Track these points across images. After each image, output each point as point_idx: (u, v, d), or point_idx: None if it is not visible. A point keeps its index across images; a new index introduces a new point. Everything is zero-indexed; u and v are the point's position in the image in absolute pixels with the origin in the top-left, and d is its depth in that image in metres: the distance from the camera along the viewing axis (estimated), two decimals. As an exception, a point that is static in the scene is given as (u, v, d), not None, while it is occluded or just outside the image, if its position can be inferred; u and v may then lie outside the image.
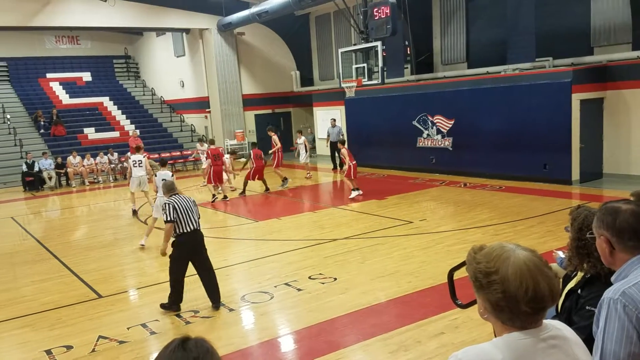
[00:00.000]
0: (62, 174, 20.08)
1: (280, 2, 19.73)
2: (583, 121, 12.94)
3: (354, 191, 13.31)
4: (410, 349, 5.18)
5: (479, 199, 12.23)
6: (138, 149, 14.12)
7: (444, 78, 17.52)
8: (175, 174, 18.95)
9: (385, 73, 16.36)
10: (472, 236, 9.05)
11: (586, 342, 1.77)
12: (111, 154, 21.12)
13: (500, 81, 14.54)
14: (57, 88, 26.85)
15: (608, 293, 1.97)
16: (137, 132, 21.84)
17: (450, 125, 15.82)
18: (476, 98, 14.95)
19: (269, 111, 25.52)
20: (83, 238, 11.66)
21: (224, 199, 14.56)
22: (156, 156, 21.76)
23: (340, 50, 18.17)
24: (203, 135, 24.88)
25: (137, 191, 13.04)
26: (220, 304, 6.65)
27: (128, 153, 20.68)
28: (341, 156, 13.86)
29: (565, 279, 2.98)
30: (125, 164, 21.22)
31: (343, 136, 19.25)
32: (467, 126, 15.27)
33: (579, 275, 2.84)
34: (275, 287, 7.22)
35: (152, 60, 28.88)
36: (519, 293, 1.52)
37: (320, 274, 7.62)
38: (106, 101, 26.51)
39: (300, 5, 19.71)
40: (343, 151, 13.55)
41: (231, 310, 6.60)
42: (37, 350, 5.78)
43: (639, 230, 2.05)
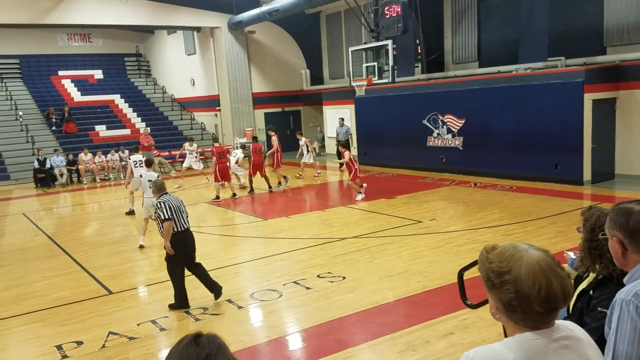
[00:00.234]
0: (74, 171, 20.25)
1: (291, 1, 19.74)
2: (595, 121, 12.83)
3: (360, 194, 13.21)
4: (418, 349, 5.17)
5: (490, 199, 12.17)
6: (137, 150, 14.18)
7: (455, 77, 17.44)
8: (185, 171, 19.07)
9: (395, 72, 16.33)
10: (482, 236, 9.01)
11: (598, 344, 1.75)
12: (122, 152, 21.24)
13: (511, 80, 14.45)
14: (69, 85, 27.05)
15: (620, 294, 1.96)
16: (148, 130, 21.92)
17: (460, 124, 15.74)
18: (487, 97, 14.87)
19: (279, 109, 25.55)
20: (94, 235, 11.74)
21: (233, 197, 14.59)
22: (166, 154, 21.95)
23: (350, 48, 18.15)
24: (213, 133, 24.95)
25: (137, 191, 12.97)
26: (221, 292, 6.76)
27: (126, 152, 20.81)
28: (342, 160, 13.41)
29: (576, 280, 2.95)
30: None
31: (351, 135, 19.21)
32: (478, 126, 15.19)
33: (591, 276, 2.81)
34: (284, 285, 7.23)
35: (163, 58, 29.01)
36: (532, 293, 1.51)
37: (328, 273, 7.62)
38: (117, 99, 26.67)
39: (310, 3, 19.70)
40: (346, 154, 13.21)
41: (240, 307, 6.62)
42: (48, 345, 5.84)
43: None
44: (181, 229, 6.62)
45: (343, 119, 19.69)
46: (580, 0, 14.35)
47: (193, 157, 17.70)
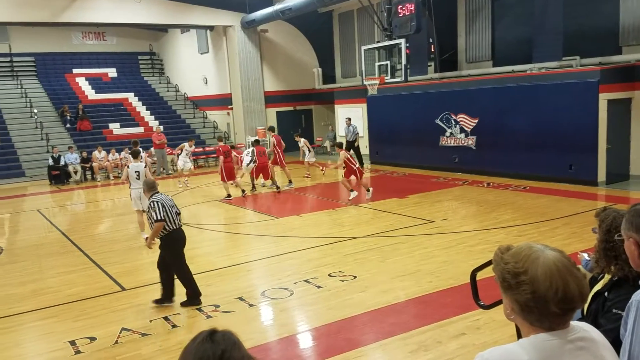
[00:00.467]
0: (88, 168, 20.44)
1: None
2: (610, 121, 12.69)
3: (352, 191, 13.03)
4: (430, 349, 5.15)
5: (503, 199, 12.09)
6: (135, 144, 14.17)
7: (469, 76, 17.34)
8: (197, 169, 19.21)
9: (408, 71, 16.25)
10: (495, 237, 8.95)
11: (613, 346, 1.74)
12: (135, 149, 21.38)
13: (525, 80, 14.33)
14: (83, 83, 27.29)
15: (636, 296, 1.93)
16: (161, 128, 22.09)
17: (474, 124, 15.65)
18: (501, 97, 14.77)
19: (291, 108, 25.57)
20: (107, 231, 11.84)
21: (243, 194, 14.61)
22: (178, 152, 22.04)
23: (363, 47, 18.10)
24: (225, 132, 25.05)
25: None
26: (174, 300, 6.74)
27: (124, 153, 20.91)
28: (345, 160, 12.88)
29: (591, 282, 2.93)
30: (149, 159, 21.51)
31: (357, 135, 19.14)
32: (492, 125, 15.09)
33: (606, 277, 2.79)
34: (295, 284, 7.24)
35: (177, 56, 29.16)
36: (549, 294, 1.50)
37: (340, 272, 7.61)
38: (131, 97, 26.86)
39: (323, 2, 19.70)
40: (341, 154, 12.85)
41: (251, 305, 6.64)
42: (62, 340, 5.90)
43: None
44: (175, 228, 6.64)
45: (350, 119, 19.67)
46: (596, -1, 14.21)
47: (187, 158, 17.71)
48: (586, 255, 3.62)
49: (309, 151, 17.73)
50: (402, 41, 15.85)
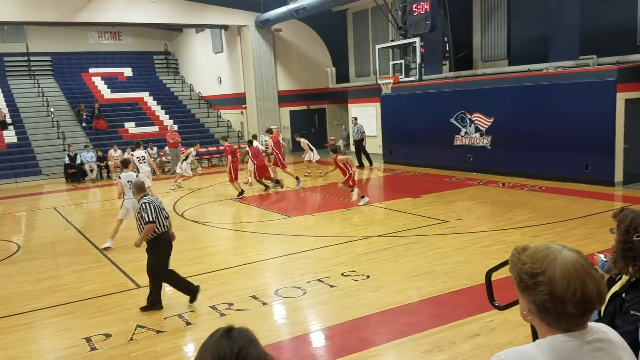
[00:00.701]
0: (103, 167, 20.64)
1: (318, -1, 19.75)
2: (627, 121, 12.52)
3: (357, 195, 12.52)
4: (444, 350, 5.12)
5: (518, 199, 11.99)
6: (138, 145, 14.22)
7: (484, 75, 17.21)
8: (210, 168, 19.29)
9: (423, 70, 16.19)
10: (510, 237, 8.87)
11: (630, 347, 1.71)
12: (150, 148, 21.54)
13: (542, 79, 14.19)
14: (99, 83, 27.56)
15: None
16: (175, 127, 22.23)
17: (489, 123, 15.54)
18: (517, 96, 14.63)
19: (304, 107, 25.60)
20: (122, 229, 11.89)
21: (240, 195, 14.55)
22: (184, 157, 22.16)
23: (377, 46, 18.07)
24: (238, 130, 25.15)
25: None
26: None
27: (155, 149, 21.11)
28: (340, 165, 12.46)
29: (609, 283, 2.89)
30: (164, 158, 21.69)
31: (364, 134, 19.05)
32: (507, 125, 14.96)
33: (624, 278, 2.75)
34: (308, 283, 7.24)
35: (191, 56, 29.33)
36: (567, 294, 1.49)
37: (353, 271, 7.60)
38: (146, 96, 27.08)
39: (338, 1, 19.69)
40: (340, 158, 12.39)
41: (264, 304, 6.65)
42: (78, 337, 5.96)
43: None
44: (163, 231, 6.57)
45: (356, 118, 19.64)
46: (613, -3, 14.03)
47: (188, 161, 17.62)
48: (602, 256, 3.58)
49: (311, 150, 17.59)
50: (417, 40, 15.80)
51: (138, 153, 13.41)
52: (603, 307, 2.77)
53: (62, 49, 27.91)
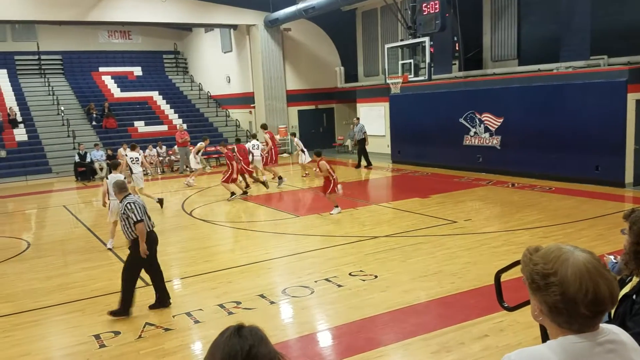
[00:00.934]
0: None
1: (327, -2, 19.74)
2: (638, 122, 12.43)
3: (336, 208, 11.65)
4: (452, 350, 5.10)
5: (527, 200, 11.92)
6: (134, 147, 14.19)
7: (494, 75, 17.13)
8: (218, 167, 19.31)
9: (432, 69, 16.14)
10: (519, 238, 8.82)
11: (642, 350, 1.69)
12: (160, 147, 21.67)
13: (552, 79, 14.10)
14: (109, 82, 27.72)
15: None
16: (184, 126, 22.31)
17: (499, 123, 15.46)
18: (527, 96, 14.55)
19: (312, 107, 25.59)
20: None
21: (244, 194, 14.54)
22: (195, 153, 22.24)
23: (386, 45, 18.04)
24: (247, 130, 25.18)
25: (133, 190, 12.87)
26: (169, 302, 6.62)
27: (164, 148, 21.19)
28: (319, 171, 11.81)
29: (619, 284, 2.86)
30: (173, 157, 21.77)
31: (365, 134, 18.99)
32: (517, 125, 14.88)
33: (634, 280, 2.72)
34: (315, 282, 7.24)
35: (200, 55, 29.42)
36: (579, 295, 1.48)
37: (360, 271, 7.59)
38: (155, 95, 27.20)
39: (347, 0, 19.67)
40: (322, 164, 11.54)
41: (272, 303, 6.66)
42: (87, 334, 5.99)
43: None
44: (149, 230, 6.51)
45: (358, 118, 19.64)
46: (625, -4, 13.91)
47: (199, 158, 17.72)
48: (612, 257, 3.55)
49: (303, 152, 17.40)
50: (426, 39, 15.76)
51: (132, 154, 13.39)
52: (613, 309, 2.75)
53: (73, 48, 28.10)
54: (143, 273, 6.69)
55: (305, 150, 17.41)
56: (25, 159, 21.09)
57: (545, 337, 1.73)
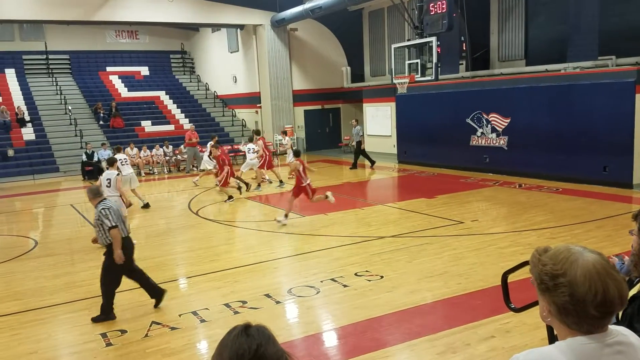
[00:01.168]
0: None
1: (334, -2, 19.73)
2: (648, 122, 12.35)
3: (286, 217, 10.92)
4: (458, 351, 5.08)
5: (535, 201, 11.86)
6: (118, 150, 14.08)
7: (501, 75, 17.07)
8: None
9: (439, 69, 16.10)
10: (526, 239, 8.78)
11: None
12: (166, 147, 21.73)
13: (559, 80, 14.03)
14: (117, 81, 27.83)
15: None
16: (193, 126, 22.36)
17: (506, 123, 15.40)
18: (534, 96, 14.49)
19: (319, 107, 25.60)
20: (138, 227, 12.04)
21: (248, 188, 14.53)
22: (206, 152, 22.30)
23: (393, 45, 18.01)
24: (253, 130, 25.21)
25: (128, 190, 12.75)
26: (164, 291, 6.62)
27: (170, 147, 21.23)
28: (293, 172, 11.14)
29: (628, 285, 2.84)
30: (179, 157, 21.83)
31: (362, 137, 18.93)
32: (524, 125, 14.82)
33: (643, 282, 2.70)
34: (321, 282, 7.23)
35: (207, 55, 29.49)
36: (588, 296, 1.47)
37: (366, 271, 7.58)
38: (162, 95, 27.29)
39: (354, 0, 19.65)
40: (293, 163, 10.83)
41: (278, 302, 6.66)
42: (94, 333, 6.01)
43: None
44: (124, 235, 6.40)
45: (357, 120, 19.60)
46: (633, -4, 13.83)
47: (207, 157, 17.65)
48: (617, 258, 3.53)
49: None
50: (433, 39, 15.73)
51: (119, 156, 13.26)
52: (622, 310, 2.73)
53: (80, 48, 28.22)
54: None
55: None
56: (32, 158, 21.21)
57: (552, 339, 1.71)
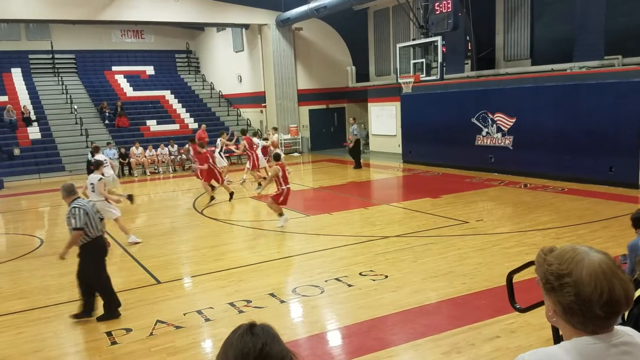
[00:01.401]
0: (125, 164, 20.89)
1: (339, -3, 19.72)
2: (654, 122, 12.29)
3: (281, 215, 10.72)
4: (463, 351, 5.07)
5: (540, 201, 11.83)
6: (97, 149, 13.49)
7: (506, 75, 17.02)
8: (228, 166, 19.38)
9: (444, 69, 16.06)
10: (532, 239, 8.76)
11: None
12: (171, 146, 21.79)
13: (565, 79, 13.98)
14: (122, 81, 27.91)
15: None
16: (205, 126, 22.37)
17: (511, 123, 15.36)
18: (540, 96, 14.44)
19: (323, 106, 25.60)
20: (143, 225, 12.08)
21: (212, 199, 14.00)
22: (212, 149, 22.32)
23: (398, 45, 17.98)
24: (258, 129, 25.25)
25: (114, 189, 12.68)
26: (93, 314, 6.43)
27: (175, 146, 21.25)
28: (271, 175, 10.86)
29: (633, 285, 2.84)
30: (184, 156, 21.87)
31: (356, 136, 18.88)
32: (529, 125, 14.77)
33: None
34: (325, 282, 7.24)
35: (212, 55, 29.54)
36: (594, 296, 1.46)
37: (371, 271, 7.58)
38: (168, 94, 27.35)
39: None
40: (275, 168, 10.55)
41: (282, 302, 6.67)
42: (99, 331, 6.05)
43: None
44: (98, 234, 6.41)
45: (355, 119, 19.58)
46: (640, -5, 13.76)
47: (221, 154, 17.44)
48: (621, 258, 3.52)
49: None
50: (439, 39, 15.69)
51: (99, 157, 12.89)
52: (627, 311, 2.72)
53: (86, 47, 28.31)
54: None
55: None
56: (38, 157, 21.30)
57: (557, 339, 1.71)
